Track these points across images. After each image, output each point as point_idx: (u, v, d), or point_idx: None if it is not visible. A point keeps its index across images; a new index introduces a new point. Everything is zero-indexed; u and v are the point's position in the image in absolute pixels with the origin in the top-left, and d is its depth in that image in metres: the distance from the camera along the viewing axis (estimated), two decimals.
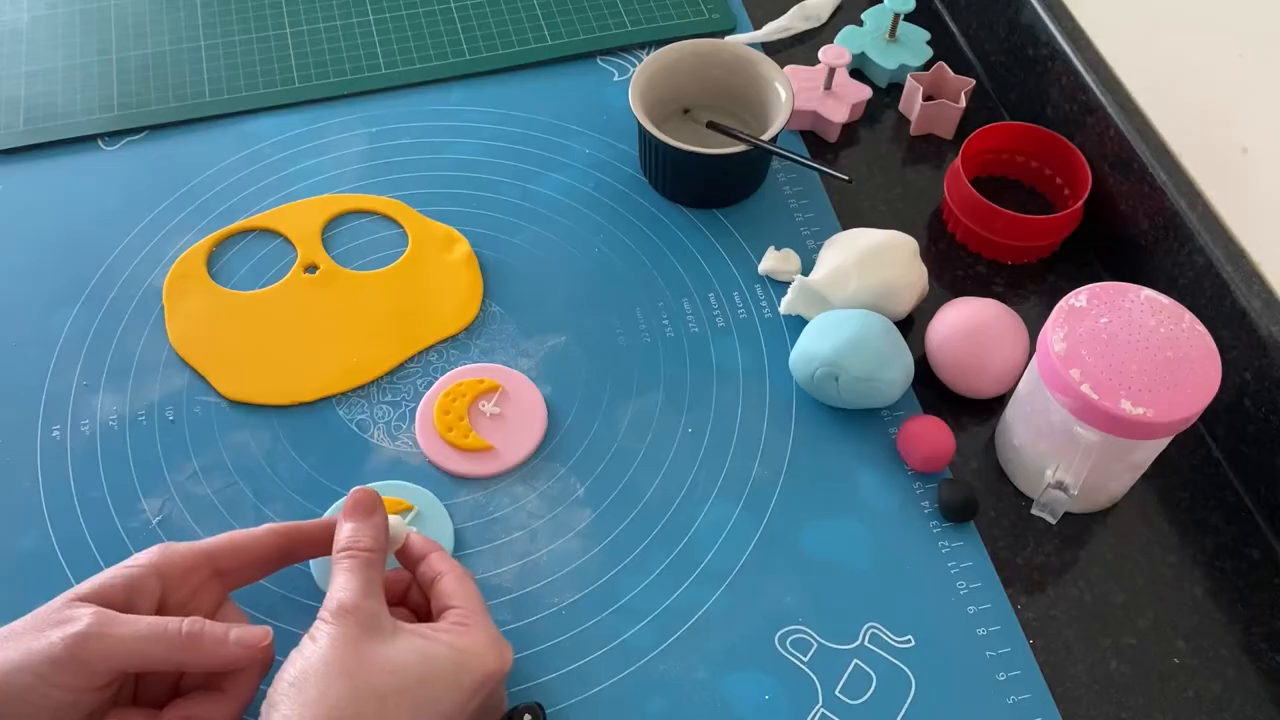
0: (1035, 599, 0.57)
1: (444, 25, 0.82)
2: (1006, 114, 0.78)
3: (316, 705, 0.42)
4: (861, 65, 0.81)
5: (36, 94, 0.76)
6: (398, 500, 0.58)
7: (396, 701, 0.43)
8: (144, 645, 0.44)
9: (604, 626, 0.56)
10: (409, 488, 0.59)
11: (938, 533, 0.59)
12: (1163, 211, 0.64)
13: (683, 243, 0.71)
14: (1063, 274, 0.70)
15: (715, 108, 0.75)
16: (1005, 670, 0.55)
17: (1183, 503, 0.61)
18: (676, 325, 0.67)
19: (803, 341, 0.62)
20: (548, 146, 0.75)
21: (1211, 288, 0.60)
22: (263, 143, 0.75)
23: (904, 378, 0.61)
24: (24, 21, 0.81)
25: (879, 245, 0.65)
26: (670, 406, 0.63)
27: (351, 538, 0.48)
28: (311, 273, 0.68)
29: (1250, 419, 0.59)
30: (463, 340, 0.66)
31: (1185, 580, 0.58)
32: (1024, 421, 0.58)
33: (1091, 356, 0.52)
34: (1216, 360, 0.52)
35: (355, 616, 0.45)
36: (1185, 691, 0.55)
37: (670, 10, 0.84)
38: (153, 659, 0.44)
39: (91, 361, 0.64)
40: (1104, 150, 0.68)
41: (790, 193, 0.74)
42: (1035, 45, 0.73)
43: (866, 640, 0.55)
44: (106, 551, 0.57)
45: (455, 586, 0.49)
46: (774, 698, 0.54)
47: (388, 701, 0.43)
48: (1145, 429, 0.51)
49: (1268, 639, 0.56)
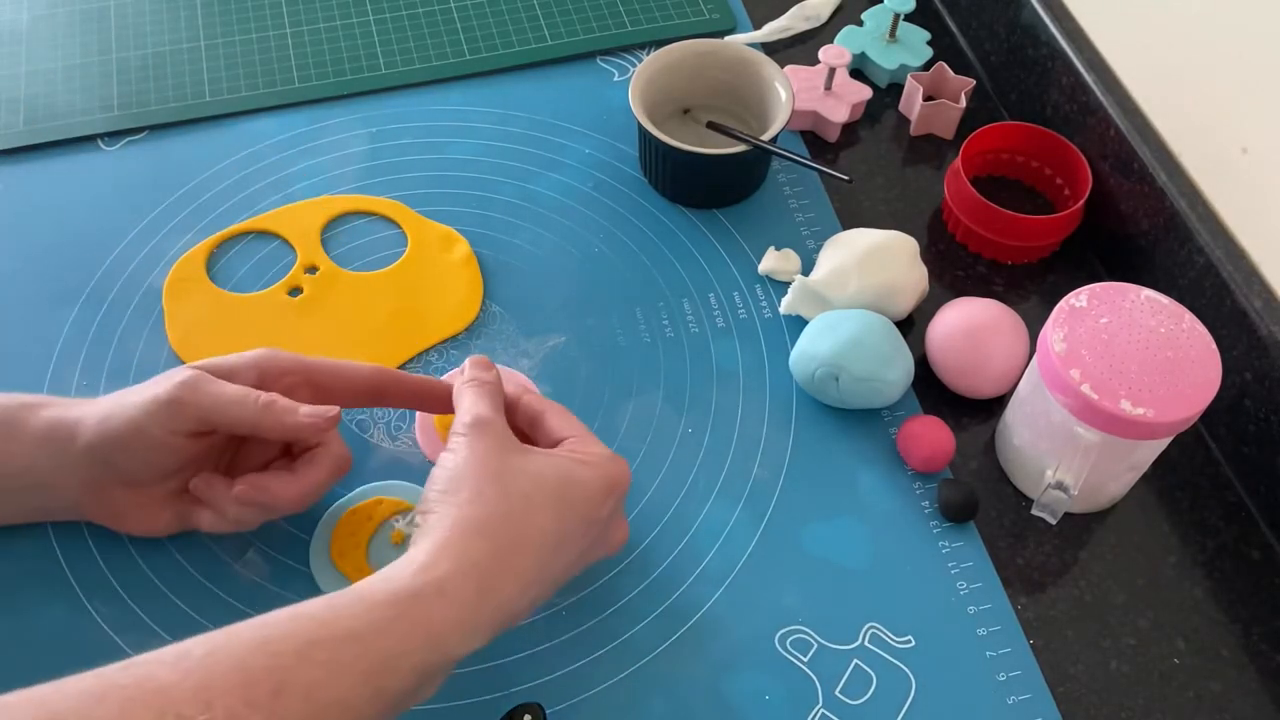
0: (1035, 599, 0.57)
1: (444, 25, 0.82)
2: (1006, 114, 0.78)
3: (470, 506, 0.45)
4: (861, 65, 0.81)
5: (36, 94, 0.76)
6: (397, 500, 0.58)
7: (541, 501, 0.47)
8: (228, 404, 0.50)
9: (604, 626, 0.56)
10: (409, 488, 0.59)
11: (938, 533, 0.59)
12: (1163, 211, 0.63)
13: (683, 243, 0.71)
14: (1063, 274, 0.70)
15: (715, 108, 0.75)
16: (1005, 670, 0.55)
17: (1183, 503, 0.61)
18: (676, 325, 0.67)
19: (803, 341, 0.62)
20: (547, 146, 0.75)
21: (1212, 288, 0.60)
22: (263, 143, 0.75)
23: (904, 378, 0.61)
24: (24, 21, 0.81)
25: (879, 245, 0.65)
26: (670, 407, 0.63)
27: (474, 374, 0.53)
28: (311, 274, 0.68)
29: (1250, 419, 0.59)
30: (463, 340, 0.66)
31: (1185, 580, 0.58)
32: (1024, 422, 0.58)
33: (1092, 357, 0.52)
34: (1217, 360, 0.52)
35: (492, 428, 0.49)
36: (1185, 692, 0.54)
37: (670, 10, 0.84)
38: (233, 418, 0.50)
39: (91, 362, 0.64)
40: (1104, 150, 0.68)
41: (790, 193, 0.74)
42: (1035, 45, 0.73)
43: (867, 640, 0.55)
44: (107, 551, 0.57)
45: (559, 420, 0.53)
46: (774, 698, 0.54)
47: (533, 500, 0.47)
48: (1145, 429, 0.51)
49: (1268, 639, 0.56)
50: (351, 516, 0.57)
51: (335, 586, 0.53)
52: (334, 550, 0.56)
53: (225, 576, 0.56)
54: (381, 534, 0.57)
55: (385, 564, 0.54)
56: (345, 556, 0.56)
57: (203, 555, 0.57)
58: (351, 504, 0.58)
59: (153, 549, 0.57)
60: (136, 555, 0.57)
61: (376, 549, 0.57)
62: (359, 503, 0.58)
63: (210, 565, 0.57)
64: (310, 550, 0.57)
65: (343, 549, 0.56)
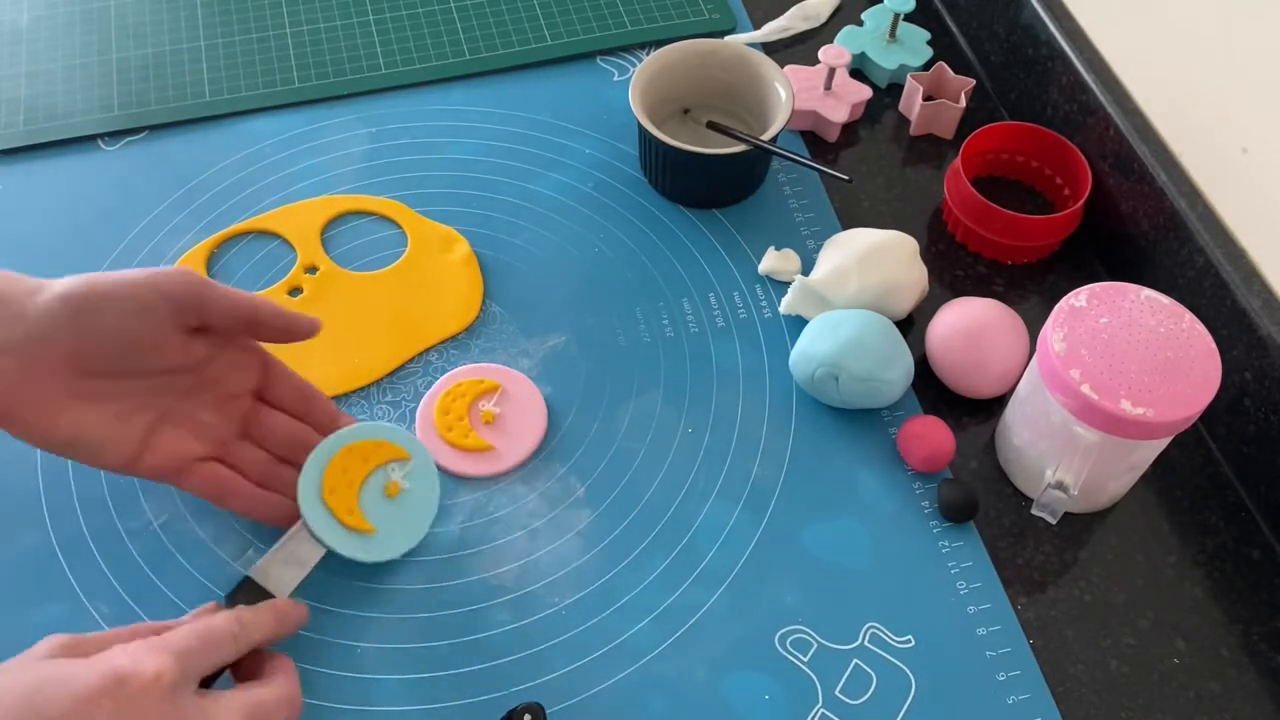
0: (1035, 599, 0.57)
1: (444, 25, 0.82)
2: (1006, 114, 0.78)
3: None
4: (861, 65, 0.81)
5: (36, 94, 0.76)
6: (397, 448, 0.57)
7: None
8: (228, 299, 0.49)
9: (604, 626, 0.56)
10: (408, 436, 0.58)
11: (938, 533, 0.59)
12: (1163, 211, 0.63)
13: (683, 243, 0.71)
14: (1063, 274, 0.70)
15: (715, 108, 0.75)
16: (1005, 670, 0.55)
17: (1183, 503, 0.61)
18: (676, 325, 0.67)
19: (803, 341, 0.62)
20: (547, 146, 0.75)
21: (1211, 287, 0.60)
22: (263, 143, 0.75)
23: (904, 378, 0.61)
24: (24, 21, 0.81)
25: (879, 245, 0.65)
26: (670, 406, 0.63)
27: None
28: (311, 274, 0.68)
29: (1250, 419, 0.59)
30: (463, 340, 0.66)
31: (1185, 580, 0.58)
32: (1024, 422, 0.58)
33: (1091, 356, 0.52)
34: (1216, 360, 0.52)
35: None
36: (1185, 692, 0.54)
37: (670, 10, 0.83)
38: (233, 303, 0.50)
39: None
40: (1104, 150, 0.68)
41: (790, 193, 0.74)
42: (1035, 45, 0.73)
43: (866, 640, 0.55)
44: (106, 552, 0.57)
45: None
46: (774, 698, 0.54)
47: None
48: (1145, 429, 0.51)
49: (1268, 639, 0.56)
50: (347, 454, 0.55)
51: (322, 523, 0.53)
52: (325, 485, 0.54)
53: (225, 576, 0.56)
54: (376, 479, 0.56)
55: (376, 512, 0.55)
56: (336, 494, 0.54)
57: (203, 555, 0.57)
58: (348, 440, 0.55)
59: (153, 547, 0.57)
60: (137, 555, 0.57)
61: (369, 495, 0.55)
62: (357, 440, 0.56)
63: (211, 566, 0.57)
64: (299, 483, 0.54)
65: (333, 485, 0.54)
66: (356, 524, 0.54)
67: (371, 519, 0.55)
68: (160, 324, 0.48)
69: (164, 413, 0.52)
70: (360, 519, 0.54)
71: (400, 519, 0.56)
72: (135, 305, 0.47)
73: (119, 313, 0.47)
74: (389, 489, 0.56)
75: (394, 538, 0.56)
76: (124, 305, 0.47)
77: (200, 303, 0.48)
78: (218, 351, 0.53)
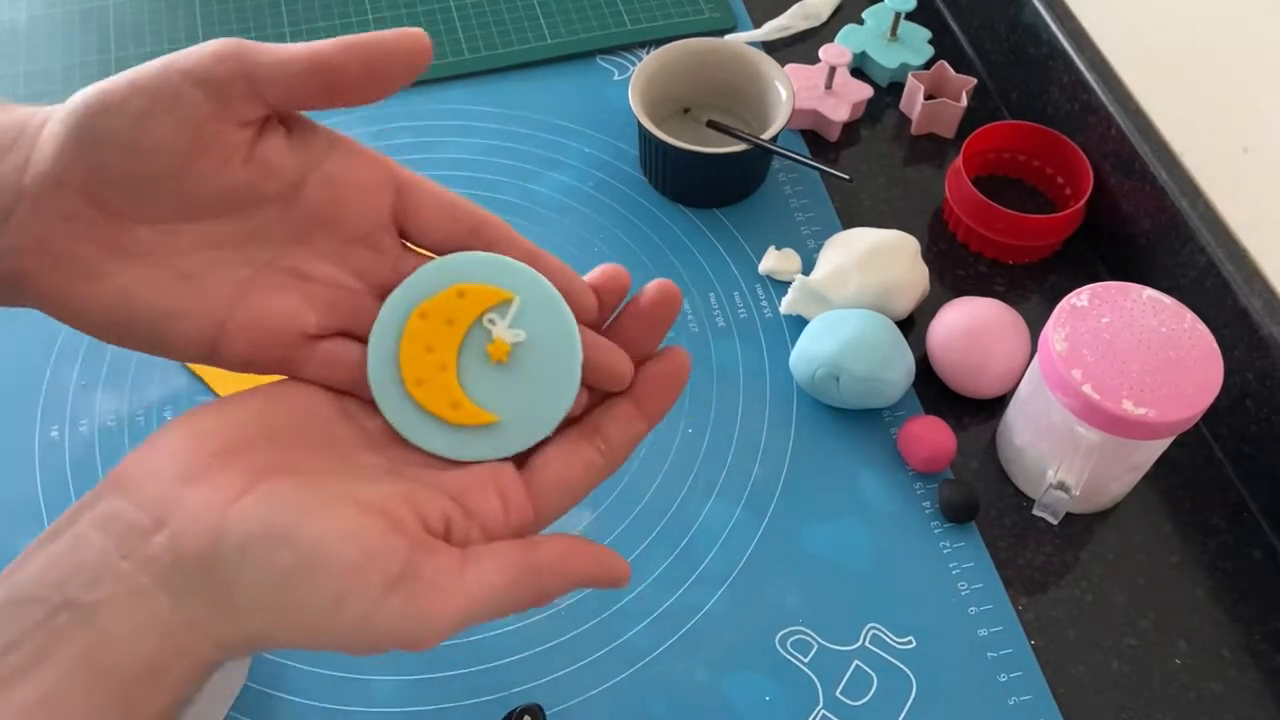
0: (1036, 600, 0.57)
1: (444, 25, 0.82)
2: (1008, 113, 0.78)
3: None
4: (862, 64, 0.80)
5: (36, 94, 0.76)
6: (486, 287, 0.37)
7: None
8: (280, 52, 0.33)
9: (604, 627, 0.55)
10: (508, 267, 0.37)
11: (939, 533, 0.59)
12: (1164, 211, 0.63)
13: (683, 243, 0.71)
14: (1064, 274, 0.70)
15: (715, 107, 0.75)
16: (1006, 671, 0.54)
17: (1184, 503, 0.61)
18: (677, 325, 0.66)
19: (803, 341, 0.62)
20: (548, 146, 0.75)
21: (1213, 287, 0.60)
22: None
23: (905, 378, 0.61)
24: (23, 21, 0.81)
25: (880, 245, 0.64)
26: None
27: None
28: None
29: (1252, 419, 0.59)
30: None
31: (1187, 581, 0.58)
32: (1025, 422, 0.58)
33: (1093, 356, 0.52)
34: (1218, 360, 0.52)
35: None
36: (1187, 692, 0.54)
37: (670, 9, 0.83)
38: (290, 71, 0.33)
39: (90, 361, 0.64)
40: (1105, 149, 0.68)
41: (791, 192, 0.73)
42: (1036, 44, 0.73)
43: (867, 641, 0.55)
44: None
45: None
46: (774, 699, 0.53)
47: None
48: (1147, 429, 0.51)
49: (1270, 640, 0.56)
50: (422, 323, 0.36)
51: (418, 428, 0.36)
52: (408, 378, 0.36)
53: None
54: (474, 341, 0.37)
55: (488, 390, 0.36)
56: (426, 385, 0.36)
57: None
58: (418, 299, 0.36)
59: None
60: None
61: (470, 367, 0.36)
62: (429, 297, 0.36)
63: None
64: (372, 382, 0.36)
65: (419, 374, 0.36)
66: (468, 418, 0.36)
67: (488, 403, 0.36)
68: (199, 118, 0.33)
69: (252, 265, 0.35)
70: (473, 410, 0.36)
71: (528, 387, 0.37)
72: (153, 99, 0.32)
73: (135, 115, 0.32)
74: (493, 353, 0.37)
75: (527, 418, 0.37)
76: (138, 104, 0.32)
77: (243, 70, 0.32)
78: (312, 160, 0.35)
